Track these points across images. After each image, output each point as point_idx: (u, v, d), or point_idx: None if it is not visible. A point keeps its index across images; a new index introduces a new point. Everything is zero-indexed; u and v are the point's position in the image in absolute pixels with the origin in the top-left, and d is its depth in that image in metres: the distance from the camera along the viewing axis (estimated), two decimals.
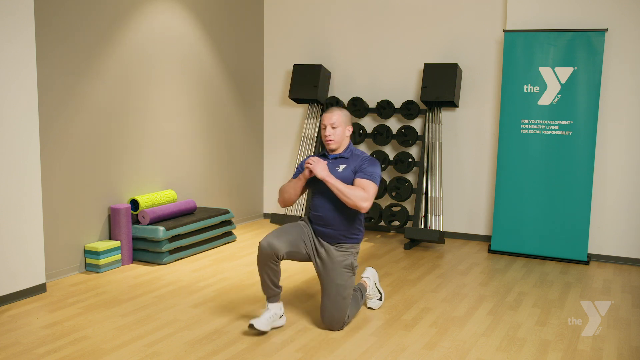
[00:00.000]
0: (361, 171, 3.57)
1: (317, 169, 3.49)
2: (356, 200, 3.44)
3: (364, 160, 3.63)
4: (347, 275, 3.65)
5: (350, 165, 3.62)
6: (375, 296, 4.08)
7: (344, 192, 3.44)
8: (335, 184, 3.46)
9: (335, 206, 3.59)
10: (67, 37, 4.59)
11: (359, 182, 3.52)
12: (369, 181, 3.53)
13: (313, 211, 3.69)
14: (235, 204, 6.62)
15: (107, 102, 4.96)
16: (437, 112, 5.97)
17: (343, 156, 3.67)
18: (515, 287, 4.64)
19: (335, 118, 3.61)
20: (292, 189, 3.66)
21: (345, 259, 3.65)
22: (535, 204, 5.54)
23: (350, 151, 3.69)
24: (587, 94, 5.33)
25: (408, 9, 6.26)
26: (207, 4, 6.04)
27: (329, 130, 3.61)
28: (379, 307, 4.08)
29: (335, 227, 3.62)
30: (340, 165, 3.64)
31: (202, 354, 3.31)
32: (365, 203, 3.45)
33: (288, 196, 3.68)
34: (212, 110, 6.20)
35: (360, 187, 3.49)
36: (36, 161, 4.20)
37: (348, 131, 3.66)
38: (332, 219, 3.61)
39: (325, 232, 3.65)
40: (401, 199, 6.04)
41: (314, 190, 3.70)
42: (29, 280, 4.19)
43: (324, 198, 3.62)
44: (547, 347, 3.49)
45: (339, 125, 3.61)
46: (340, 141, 3.64)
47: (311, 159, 3.54)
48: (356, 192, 3.45)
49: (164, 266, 5.02)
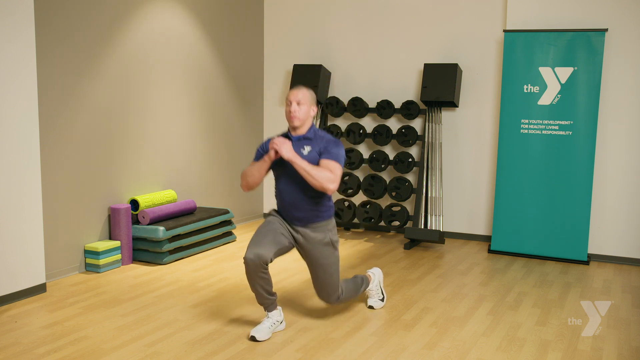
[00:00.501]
0: (326, 152, 3.48)
1: (283, 149, 3.38)
2: (323, 181, 3.36)
3: (329, 142, 3.53)
4: (329, 252, 3.61)
5: (315, 147, 3.53)
6: (378, 296, 4.09)
7: (311, 173, 3.36)
8: (301, 165, 3.36)
9: (301, 188, 3.50)
10: (67, 37, 4.59)
11: (324, 163, 3.44)
12: (335, 162, 3.44)
13: (279, 196, 3.61)
14: (235, 204, 6.62)
15: (107, 102, 4.96)
16: (437, 112, 5.97)
17: (307, 137, 3.56)
18: (515, 287, 4.64)
19: (302, 95, 3.51)
20: (257, 172, 3.55)
21: (323, 237, 3.60)
22: (535, 204, 5.54)
23: (314, 132, 3.58)
24: (587, 94, 5.33)
25: (408, 9, 6.26)
26: (207, 4, 6.04)
27: (294, 107, 3.49)
28: (380, 307, 4.08)
29: (303, 208, 3.54)
30: (305, 147, 3.54)
31: (202, 354, 3.31)
32: (332, 184, 3.38)
33: (252, 179, 3.57)
34: (212, 110, 6.20)
35: (326, 169, 3.41)
36: (36, 161, 4.20)
37: (313, 111, 3.55)
38: (300, 200, 3.53)
39: (295, 216, 3.58)
40: (401, 199, 6.04)
41: (277, 173, 3.60)
42: (29, 280, 4.19)
43: (289, 180, 3.53)
44: (547, 347, 3.49)
45: (304, 103, 3.50)
46: (304, 119, 3.52)
47: (276, 139, 3.43)
48: (323, 174, 3.37)
49: (164, 266, 5.02)
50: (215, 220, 5.59)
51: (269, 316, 3.61)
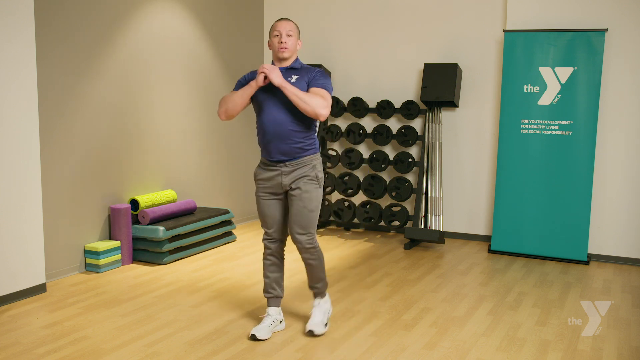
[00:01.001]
0: (315, 81, 3.43)
1: (273, 74, 3.30)
2: (315, 106, 3.29)
3: (316, 72, 3.48)
4: (312, 187, 3.47)
5: (304, 77, 3.46)
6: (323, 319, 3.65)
7: (303, 98, 3.29)
8: (292, 91, 3.29)
9: (288, 118, 3.41)
10: (67, 37, 4.59)
11: (315, 90, 3.38)
12: (325, 90, 3.40)
13: (263, 129, 3.46)
14: (235, 204, 6.62)
15: (108, 102, 4.96)
16: (437, 112, 5.97)
17: (294, 67, 3.49)
18: (515, 287, 4.64)
19: (290, 27, 3.46)
20: (240, 98, 3.43)
21: (307, 172, 3.47)
22: (535, 204, 5.54)
23: (300, 64, 3.52)
24: (587, 94, 5.33)
25: (408, 9, 6.26)
26: (207, 4, 6.04)
27: (285, 38, 3.42)
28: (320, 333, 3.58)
29: (287, 140, 3.42)
30: (292, 76, 3.46)
31: (202, 354, 3.31)
32: (324, 110, 3.32)
33: (233, 106, 3.44)
34: (212, 110, 6.20)
35: (318, 95, 3.35)
36: (36, 161, 4.20)
37: (299, 45, 3.52)
38: (285, 133, 3.41)
39: (280, 149, 3.43)
40: (401, 199, 6.04)
41: (261, 103, 3.47)
42: (29, 280, 4.19)
43: (275, 111, 3.42)
44: (547, 347, 3.49)
45: (293, 35, 3.45)
46: (293, 50, 3.46)
47: (265, 65, 3.34)
48: (315, 99, 3.31)
49: (164, 266, 5.02)
50: (215, 220, 5.59)
51: (269, 313, 3.60)
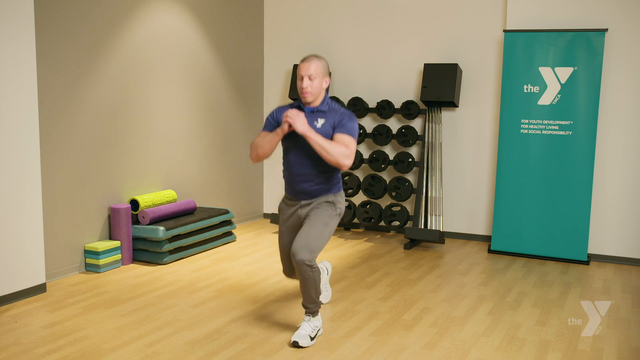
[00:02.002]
0: (341, 126, 3.36)
1: (297, 123, 3.26)
2: (338, 157, 3.26)
3: (343, 115, 3.40)
4: (330, 210, 3.47)
5: (329, 120, 3.40)
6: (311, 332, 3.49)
7: (326, 148, 3.25)
8: (316, 140, 3.25)
9: (313, 161, 3.40)
10: (67, 37, 4.59)
11: (339, 137, 3.33)
12: (350, 137, 3.34)
13: (288, 170, 3.49)
14: (235, 204, 6.62)
15: (108, 102, 4.96)
16: (437, 112, 5.97)
17: (321, 109, 3.43)
18: (515, 287, 4.64)
19: (314, 68, 3.34)
20: (268, 144, 3.41)
21: (327, 199, 3.49)
22: (535, 204, 5.54)
23: (327, 104, 3.45)
24: (587, 94, 5.33)
25: (408, 9, 6.26)
26: (207, 4, 6.04)
27: (306, 82, 3.34)
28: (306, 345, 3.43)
29: (313, 182, 3.44)
30: (318, 120, 3.41)
31: (202, 354, 3.31)
32: (348, 160, 3.28)
33: (263, 151, 3.44)
34: (212, 110, 6.20)
35: (341, 143, 3.30)
36: (36, 161, 4.20)
37: (326, 83, 3.42)
38: (310, 174, 3.43)
39: (305, 189, 3.46)
40: (401, 199, 6.04)
41: (287, 145, 3.48)
42: (29, 280, 4.19)
43: (301, 154, 3.42)
44: (547, 347, 3.49)
45: (317, 77, 3.35)
46: (317, 94, 3.39)
47: (290, 111, 3.30)
48: (338, 149, 3.27)
49: (164, 266, 5.02)
50: (215, 220, 5.59)
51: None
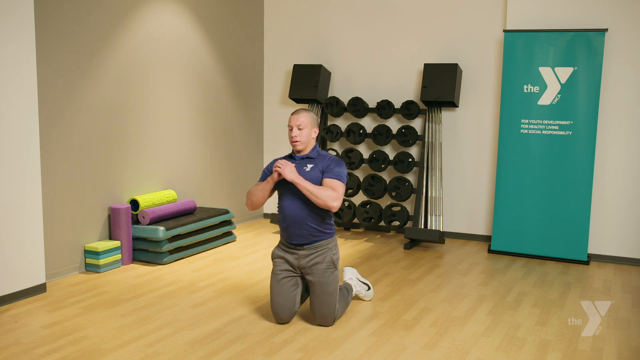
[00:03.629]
0: (329, 171, 3.64)
1: (286, 171, 3.55)
2: (326, 200, 3.51)
3: (331, 160, 3.70)
4: (329, 272, 3.70)
5: (318, 165, 3.68)
6: (363, 289, 4.16)
7: (314, 192, 3.51)
8: (305, 186, 3.53)
9: (305, 205, 3.63)
10: (67, 37, 4.59)
11: (327, 182, 3.59)
12: (338, 181, 3.60)
13: (282, 213, 3.71)
14: (235, 204, 6.62)
15: (107, 102, 4.96)
16: (437, 112, 5.97)
17: (310, 156, 3.73)
18: (515, 287, 4.64)
19: (302, 119, 3.67)
20: (261, 192, 3.72)
21: (324, 257, 3.69)
22: (535, 204, 5.54)
23: (317, 152, 3.76)
24: (587, 94, 5.33)
25: (408, 9, 6.26)
26: (207, 4, 6.04)
27: (295, 132, 3.67)
28: (371, 297, 4.21)
29: (306, 226, 3.65)
30: (307, 165, 3.70)
31: (202, 354, 3.31)
32: (336, 202, 3.53)
33: (256, 199, 3.74)
34: (212, 110, 6.20)
35: (330, 187, 3.56)
36: (36, 161, 4.20)
37: (314, 133, 3.73)
38: (303, 218, 3.64)
39: (297, 233, 3.67)
40: (401, 199, 6.04)
41: (282, 192, 3.74)
42: (29, 280, 4.19)
43: (293, 198, 3.65)
44: (547, 347, 3.49)
45: (305, 127, 3.67)
46: (306, 142, 3.70)
47: (279, 162, 3.61)
48: (326, 193, 3.52)
49: (164, 266, 5.02)
50: (215, 220, 5.59)
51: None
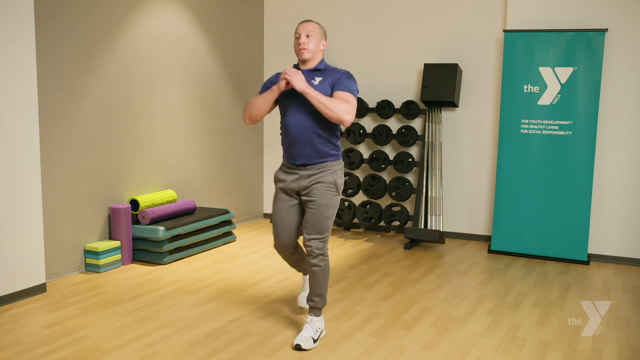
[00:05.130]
0: (340, 84, 3.34)
1: (296, 80, 3.23)
2: (339, 112, 3.22)
3: (342, 74, 3.38)
4: (331, 194, 3.41)
5: (327, 79, 3.37)
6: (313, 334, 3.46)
7: (326, 104, 3.21)
8: (315, 96, 3.22)
9: (312, 121, 3.35)
10: (67, 37, 4.59)
11: (339, 94, 3.30)
12: (350, 94, 3.31)
13: (286, 132, 3.42)
14: (235, 204, 6.62)
15: (108, 102, 4.96)
16: (437, 112, 5.97)
17: (318, 68, 3.41)
18: (515, 287, 4.64)
19: (311, 27, 3.37)
20: (263, 103, 3.39)
21: (327, 177, 3.41)
22: (535, 204, 5.54)
23: (325, 65, 3.44)
24: (587, 94, 5.33)
25: (408, 9, 6.26)
26: (207, 4, 6.04)
27: (304, 39, 3.35)
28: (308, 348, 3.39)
29: (312, 145, 3.37)
30: (315, 78, 3.39)
31: (202, 354, 3.31)
32: (349, 116, 3.25)
33: (256, 110, 3.41)
34: (212, 110, 6.20)
35: (342, 99, 3.28)
36: (36, 161, 4.20)
37: (323, 45, 3.42)
38: (309, 137, 3.36)
39: (302, 152, 3.39)
40: (401, 199, 6.04)
41: (285, 106, 3.43)
42: (29, 280, 4.19)
43: (299, 115, 3.36)
44: (547, 347, 3.49)
45: (314, 35, 3.36)
46: (314, 52, 3.37)
47: (288, 69, 3.27)
48: (339, 104, 3.23)
49: (164, 266, 5.02)
50: (215, 220, 5.59)
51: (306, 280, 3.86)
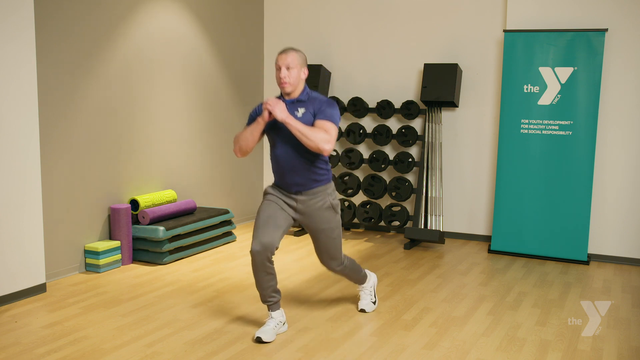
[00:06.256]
0: (321, 113, 3.42)
1: (277, 110, 3.31)
2: (318, 142, 3.30)
3: (322, 102, 3.46)
4: (330, 215, 3.57)
5: (310, 108, 3.46)
6: (370, 298, 4.03)
7: (305, 134, 3.30)
8: (295, 126, 3.30)
9: (297, 151, 3.44)
10: (67, 36, 4.59)
11: (319, 123, 3.38)
12: (330, 122, 3.39)
13: (275, 162, 3.53)
14: (235, 204, 6.62)
15: (108, 102, 4.96)
16: (437, 112, 5.97)
17: (300, 99, 3.48)
18: (515, 287, 4.65)
19: (290, 59, 3.40)
20: (250, 136, 3.47)
21: (323, 202, 3.55)
22: (535, 204, 5.54)
23: (307, 94, 3.50)
24: (587, 94, 5.33)
25: (408, 9, 6.26)
26: (207, 4, 6.04)
27: (284, 72, 3.39)
28: (371, 310, 4.01)
29: (300, 173, 3.48)
30: (299, 109, 3.47)
31: (202, 354, 3.31)
32: (328, 145, 3.32)
33: (245, 144, 3.50)
34: (212, 110, 6.20)
35: (321, 129, 3.35)
36: (36, 161, 4.20)
37: (304, 74, 3.47)
38: (297, 164, 3.46)
39: (293, 181, 3.50)
40: (401, 199, 6.04)
41: (272, 138, 3.53)
42: (29, 280, 4.19)
43: (285, 145, 3.46)
44: (547, 347, 3.49)
45: (294, 67, 3.41)
46: (295, 84, 3.44)
47: (270, 99, 3.36)
48: (318, 134, 3.31)
49: (164, 266, 5.02)
50: (215, 220, 5.59)
51: (272, 317, 3.58)
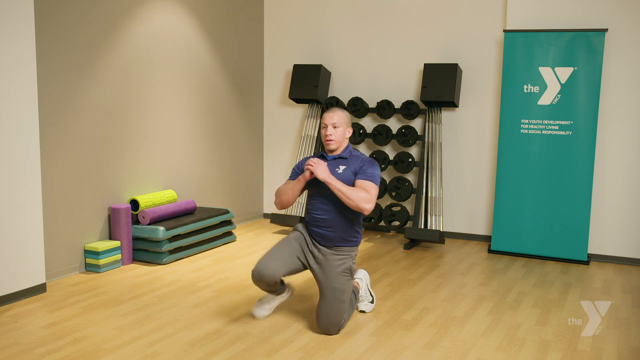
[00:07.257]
0: (362, 172, 3.53)
1: (318, 170, 3.43)
2: (359, 201, 3.39)
3: (364, 161, 3.58)
4: (345, 279, 3.61)
5: (350, 166, 3.57)
6: (367, 299, 4.01)
7: (346, 193, 3.39)
8: (337, 186, 3.40)
9: (336, 208, 3.54)
10: (67, 37, 4.59)
11: (360, 183, 3.48)
12: (371, 182, 3.49)
13: (312, 213, 3.64)
14: (235, 204, 6.62)
15: (107, 102, 4.96)
16: (437, 112, 5.97)
17: (342, 156, 3.63)
18: (515, 287, 4.65)
19: (337, 118, 3.57)
20: (291, 191, 3.61)
21: (343, 263, 3.61)
22: (535, 204, 5.54)
23: (349, 152, 3.65)
24: (587, 94, 5.33)
25: (408, 9, 6.26)
26: (207, 4, 6.04)
27: (330, 130, 3.57)
28: (370, 310, 4.02)
29: (335, 229, 3.57)
30: (340, 166, 3.59)
31: (202, 354, 3.31)
32: (368, 205, 3.40)
33: (286, 198, 3.63)
34: (212, 110, 6.20)
35: (362, 189, 3.45)
36: (36, 161, 4.20)
37: (348, 132, 3.63)
38: (332, 221, 3.56)
39: (324, 235, 3.60)
40: (401, 199, 6.04)
41: (312, 192, 3.65)
42: (29, 280, 4.20)
43: (324, 200, 3.57)
44: (547, 347, 3.49)
45: (340, 125, 3.57)
46: (340, 141, 3.60)
47: (312, 160, 3.49)
48: (359, 194, 3.40)
49: (164, 266, 5.02)
50: (215, 220, 5.59)
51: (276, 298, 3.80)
